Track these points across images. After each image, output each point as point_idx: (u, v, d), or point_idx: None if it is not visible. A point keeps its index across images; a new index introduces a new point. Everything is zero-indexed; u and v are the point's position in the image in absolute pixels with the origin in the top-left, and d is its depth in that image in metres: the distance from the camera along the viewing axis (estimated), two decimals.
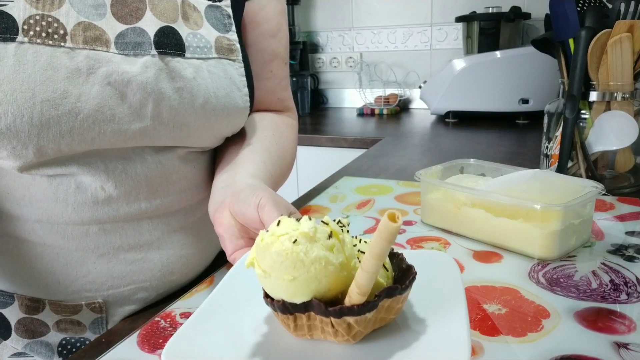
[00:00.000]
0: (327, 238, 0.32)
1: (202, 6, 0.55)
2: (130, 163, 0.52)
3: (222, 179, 0.57)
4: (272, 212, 0.44)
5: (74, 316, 0.55)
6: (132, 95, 0.48)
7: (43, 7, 0.45)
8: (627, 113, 0.79)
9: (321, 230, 0.32)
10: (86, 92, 0.46)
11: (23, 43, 0.43)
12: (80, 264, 0.53)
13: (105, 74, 0.46)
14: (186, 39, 0.52)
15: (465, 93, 1.59)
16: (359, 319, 0.32)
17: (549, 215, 0.56)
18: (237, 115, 0.57)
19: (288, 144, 0.68)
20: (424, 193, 0.69)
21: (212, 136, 0.57)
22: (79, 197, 0.50)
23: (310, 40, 2.15)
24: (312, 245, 0.32)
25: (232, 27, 0.57)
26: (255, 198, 0.47)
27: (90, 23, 0.47)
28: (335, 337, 0.34)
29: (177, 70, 0.50)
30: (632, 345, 0.41)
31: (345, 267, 0.33)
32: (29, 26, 0.43)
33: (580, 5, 0.82)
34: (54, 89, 0.44)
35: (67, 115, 0.45)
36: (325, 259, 0.31)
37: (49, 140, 0.45)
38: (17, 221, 0.51)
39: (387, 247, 0.29)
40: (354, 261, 0.34)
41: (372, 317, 0.33)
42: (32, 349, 0.57)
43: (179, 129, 0.52)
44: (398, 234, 0.32)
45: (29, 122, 0.43)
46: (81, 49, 0.46)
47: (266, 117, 0.69)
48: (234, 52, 0.56)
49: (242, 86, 0.57)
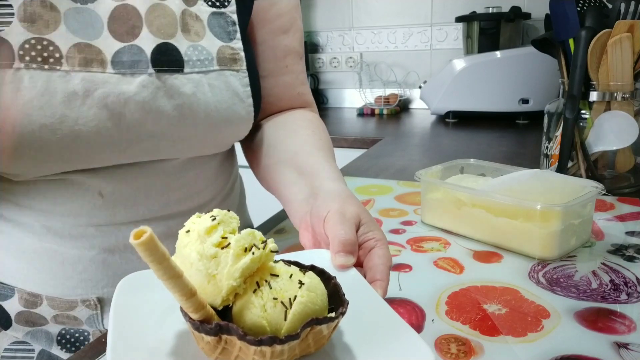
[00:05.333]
0: (220, 247, 0.30)
1: (205, 14, 0.54)
2: (130, 170, 0.52)
3: (294, 191, 0.53)
4: (335, 228, 0.41)
5: (70, 312, 0.56)
6: (130, 115, 0.48)
7: (38, 30, 0.44)
8: (627, 113, 0.79)
9: (216, 236, 0.31)
10: (83, 115, 0.45)
11: (19, 69, 0.43)
12: (76, 262, 0.53)
13: (102, 96, 0.46)
14: (185, 53, 0.51)
15: (465, 93, 1.59)
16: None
17: (549, 215, 0.56)
18: (240, 126, 0.56)
19: (327, 136, 0.66)
20: (424, 193, 0.69)
21: (214, 145, 0.56)
22: (76, 200, 0.50)
23: (310, 40, 2.15)
24: (195, 242, 0.31)
25: (237, 35, 0.55)
26: (324, 211, 0.44)
27: (87, 44, 0.46)
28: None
29: (175, 87, 0.50)
30: (632, 345, 0.41)
31: (212, 280, 0.31)
32: (25, 51, 0.43)
33: (580, 5, 0.82)
34: (51, 113, 0.44)
35: (66, 138, 0.45)
36: (194, 259, 0.30)
37: (50, 162, 0.46)
38: (17, 219, 0.52)
39: (156, 267, 0.26)
40: (230, 283, 0.30)
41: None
42: (33, 337, 0.57)
43: (179, 143, 0.52)
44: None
45: (29, 147, 0.44)
46: (77, 71, 0.45)
47: (297, 116, 0.67)
48: (237, 62, 0.55)
49: (246, 97, 0.55)
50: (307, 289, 0.31)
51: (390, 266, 0.41)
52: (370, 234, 0.43)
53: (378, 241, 0.42)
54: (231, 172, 0.69)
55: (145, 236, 0.25)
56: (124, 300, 0.36)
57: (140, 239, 0.25)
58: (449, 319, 0.46)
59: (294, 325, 0.30)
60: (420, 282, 0.54)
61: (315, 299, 0.31)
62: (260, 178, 0.64)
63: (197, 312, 0.29)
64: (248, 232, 0.31)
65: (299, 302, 0.30)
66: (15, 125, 0.43)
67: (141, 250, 0.25)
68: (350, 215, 0.43)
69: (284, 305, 0.30)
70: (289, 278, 0.32)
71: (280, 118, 0.66)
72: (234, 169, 0.71)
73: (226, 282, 0.30)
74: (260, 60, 0.63)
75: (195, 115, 0.51)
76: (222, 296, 0.31)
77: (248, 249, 0.31)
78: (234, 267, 0.30)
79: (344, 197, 0.46)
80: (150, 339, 0.32)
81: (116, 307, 0.35)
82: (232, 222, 0.32)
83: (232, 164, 0.69)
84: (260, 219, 0.78)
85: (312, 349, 0.32)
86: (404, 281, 0.54)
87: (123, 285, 0.38)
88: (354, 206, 0.44)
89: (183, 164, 0.56)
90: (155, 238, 0.25)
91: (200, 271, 0.30)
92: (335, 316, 0.31)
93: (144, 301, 0.36)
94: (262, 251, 0.31)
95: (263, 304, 0.30)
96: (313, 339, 0.31)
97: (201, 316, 0.30)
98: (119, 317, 0.34)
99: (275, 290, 0.31)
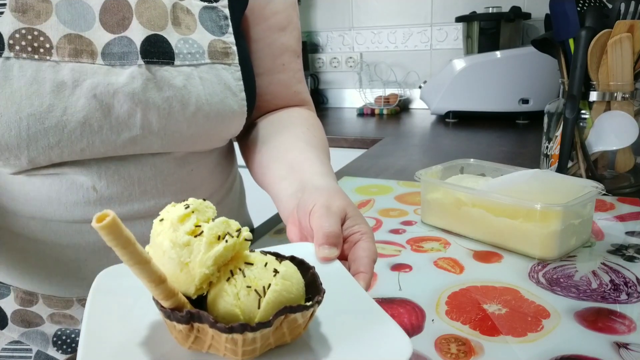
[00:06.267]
0: (193, 235, 0.30)
1: (196, 8, 0.54)
2: (124, 164, 0.52)
3: (284, 186, 0.53)
4: (320, 221, 0.41)
5: (66, 310, 0.56)
6: (119, 107, 0.48)
7: (29, 20, 0.45)
8: (627, 113, 0.79)
9: (189, 224, 0.30)
10: (72, 105, 0.46)
11: (9, 58, 0.43)
12: (72, 260, 0.53)
13: (90, 87, 0.46)
14: (176, 45, 0.51)
15: (465, 93, 1.59)
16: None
17: (549, 215, 0.56)
18: (233, 120, 0.56)
19: (322, 134, 0.65)
20: (424, 193, 0.70)
21: (207, 141, 0.56)
22: (71, 196, 0.50)
23: (310, 40, 2.15)
24: (168, 230, 0.30)
25: (229, 29, 0.55)
26: (310, 204, 0.43)
27: (77, 35, 0.47)
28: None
29: (165, 80, 0.49)
30: (632, 345, 0.41)
31: (185, 269, 0.30)
32: (15, 41, 0.44)
33: (580, 5, 0.82)
34: (40, 103, 0.44)
35: (54, 128, 0.45)
36: (166, 247, 0.30)
37: (39, 152, 0.46)
38: (13, 216, 0.52)
39: (121, 252, 0.26)
40: (202, 271, 0.30)
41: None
42: (28, 338, 0.57)
43: (170, 136, 0.52)
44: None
45: (17, 136, 0.44)
46: (66, 62, 0.46)
47: (292, 114, 0.66)
48: (229, 56, 0.55)
49: (239, 90, 0.55)
50: (281, 277, 0.31)
51: (375, 259, 0.40)
52: (356, 227, 0.42)
53: (364, 234, 0.41)
54: (230, 171, 0.68)
55: (107, 219, 0.24)
56: (100, 293, 0.35)
57: (103, 222, 0.24)
58: (449, 319, 0.46)
59: (268, 314, 0.29)
60: (420, 282, 0.54)
61: (290, 287, 0.31)
62: (254, 174, 0.64)
63: (168, 300, 0.29)
64: (222, 221, 0.31)
65: (273, 291, 0.30)
66: (2, 114, 0.43)
67: (104, 234, 0.24)
68: (336, 208, 0.43)
69: (258, 294, 0.30)
70: (264, 267, 0.31)
71: (275, 115, 0.66)
72: (233, 168, 0.71)
73: (199, 270, 0.30)
74: (256, 58, 0.63)
75: (185, 108, 0.51)
76: (195, 284, 0.30)
77: (222, 237, 0.30)
78: (207, 254, 0.30)
79: (331, 192, 0.45)
80: (124, 331, 0.32)
81: (93, 299, 0.34)
82: (208, 212, 0.32)
83: (230, 163, 0.69)
84: (260, 219, 0.78)
85: (288, 338, 0.31)
86: (404, 281, 0.54)
87: (101, 278, 0.37)
88: (341, 200, 0.44)
89: (177, 160, 0.55)
90: (118, 221, 0.25)
91: (173, 259, 0.30)
92: (311, 305, 0.30)
93: (121, 294, 0.35)
94: (235, 239, 0.31)
95: (236, 292, 0.30)
96: (288, 328, 0.30)
97: (172, 304, 0.29)
98: (94, 310, 0.33)
99: (249, 278, 0.30)
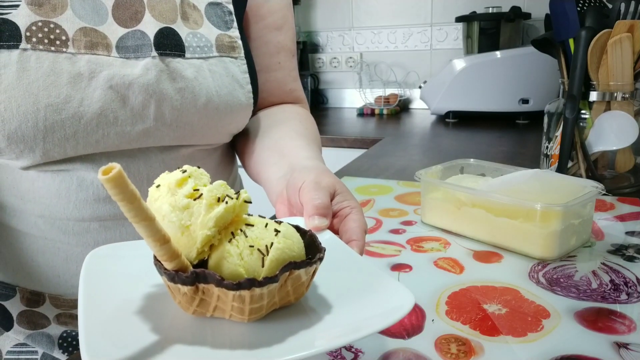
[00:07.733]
0: (192, 198, 0.29)
1: (202, 4, 0.56)
2: (134, 161, 0.52)
3: (274, 170, 0.54)
4: (310, 195, 0.41)
5: (73, 310, 0.56)
6: (134, 98, 0.48)
7: (45, 13, 0.45)
8: (627, 113, 0.79)
9: (188, 188, 0.30)
10: (88, 96, 0.46)
11: (26, 50, 0.44)
12: (80, 259, 0.53)
13: (106, 78, 0.47)
14: (186, 39, 0.52)
15: (465, 93, 1.59)
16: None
17: (549, 215, 0.56)
18: (241, 112, 0.57)
19: (314, 128, 0.67)
20: (424, 193, 0.69)
21: (216, 134, 0.57)
22: (80, 194, 0.51)
23: (310, 40, 2.15)
24: (166, 195, 0.30)
25: (234, 24, 0.57)
26: (299, 181, 0.44)
27: (92, 28, 0.47)
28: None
29: (178, 71, 0.51)
30: (632, 345, 0.41)
31: (186, 232, 0.30)
32: (32, 33, 0.44)
33: (580, 5, 0.82)
34: (57, 94, 0.45)
35: (71, 119, 0.46)
36: (166, 211, 0.29)
37: (54, 144, 0.46)
38: (21, 215, 0.52)
39: (126, 207, 0.25)
40: (204, 232, 0.30)
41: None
42: (34, 340, 0.57)
43: (182, 128, 0.53)
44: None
45: (34, 127, 0.44)
46: (82, 54, 0.46)
47: (286, 109, 0.68)
48: (235, 50, 0.57)
49: (245, 83, 0.57)
50: (283, 236, 0.31)
51: (366, 230, 0.41)
52: (345, 203, 0.43)
53: (353, 208, 0.42)
54: (231, 170, 0.69)
55: (114, 171, 0.23)
56: (95, 268, 0.35)
57: (109, 174, 0.23)
58: (449, 319, 0.46)
59: (272, 272, 0.29)
60: (420, 282, 0.54)
61: (292, 245, 0.31)
62: (246, 166, 0.65)
63: (172, 261, 0.28)
64: (220, 184, 0.31)
65: (275, 248, 0.30)
66: (20, 105, 0.44)
67: (110, 187, 0.24)
68: (326, 184, 0.43)
69: (261, 252, 0.30)
70: (265, 227, 0.31)
71: (269, 110, 0.67)
72: (234, 168, 0.71)
73: (200, 232, 0.30)
74: (253, 56, 0.64)
75: (196, 99, 0.52)
76: (197, 247, 0.30)
77: (221, 199, 0.30)
78: (208, 216, 0.29)
79: (320, 170, 0.46)
80: (123, 306, 0.31)
81: (86, 273, 0.34)
82: (203, 178, 0.32)
83: (231, 162, 0.69)
84: None
85: (292, 297, 0.31)
86: (404, 281, 0.54)
87: (92, 256, 0.37)
88: (330, 177, 0.45)
89: (185, 157, 0.56)
90: (124, 175, 0.24)
91: (173, 223, 0.29)
92: (313, 261, 0.30)
93: (115, 270, 0.35)
94: (235, 201, 0.31)
95: (239, 252, 0.30)
96: (292, 286, 0.30)
97: (176, 265, 0.29)
98: (90, 281, 0.33)
99: (251, 238, 0.30)
